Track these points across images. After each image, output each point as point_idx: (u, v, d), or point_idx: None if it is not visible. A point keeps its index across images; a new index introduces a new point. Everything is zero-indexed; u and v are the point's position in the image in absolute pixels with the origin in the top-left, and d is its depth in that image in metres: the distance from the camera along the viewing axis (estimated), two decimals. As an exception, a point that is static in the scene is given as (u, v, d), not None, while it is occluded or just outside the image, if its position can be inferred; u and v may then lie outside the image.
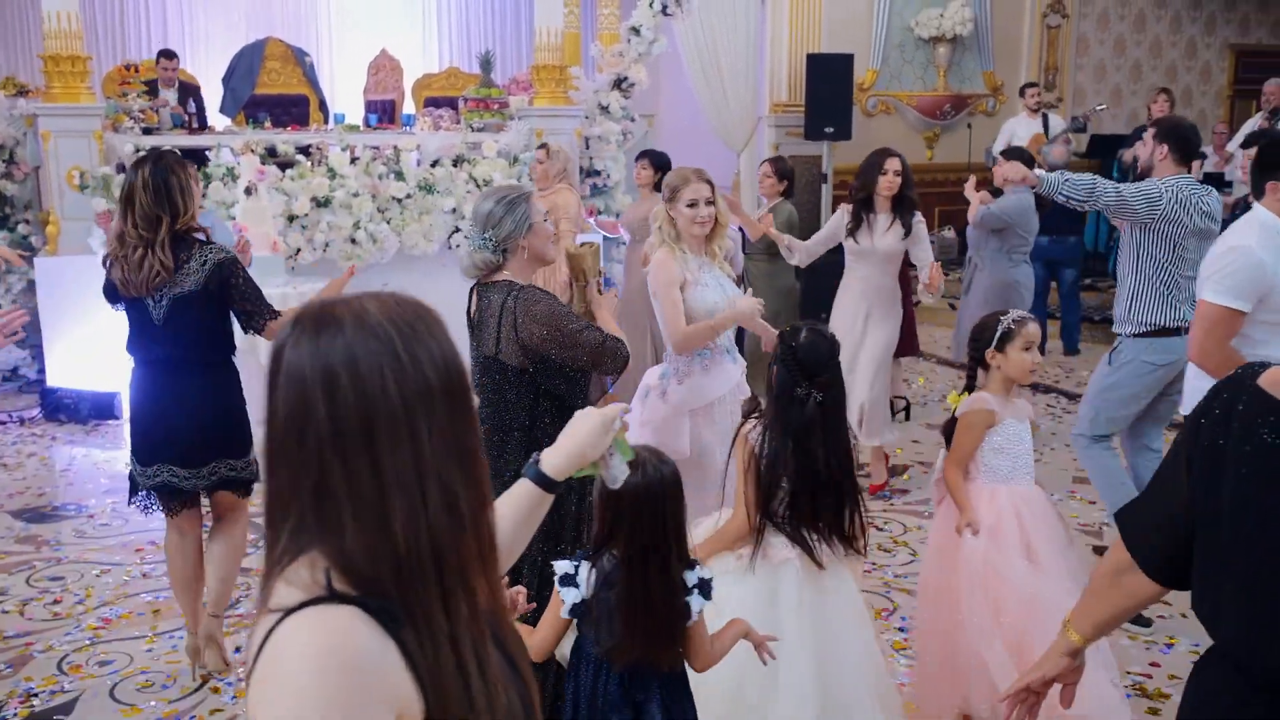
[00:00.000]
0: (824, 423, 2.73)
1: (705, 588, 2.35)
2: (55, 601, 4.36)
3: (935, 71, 11.25)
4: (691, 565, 2.37)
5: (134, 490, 3.65)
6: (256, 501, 4.24)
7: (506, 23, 13.55)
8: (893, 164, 5.15)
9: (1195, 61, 12.33)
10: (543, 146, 6.80)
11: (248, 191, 6.53)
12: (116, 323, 6.68)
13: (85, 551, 4.86)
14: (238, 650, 3.86)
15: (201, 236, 3.53)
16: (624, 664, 2.32)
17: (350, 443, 1.15)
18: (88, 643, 4.02)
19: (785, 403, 2.76)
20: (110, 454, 6.14)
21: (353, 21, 12.92)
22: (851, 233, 5.25)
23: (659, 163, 6.82)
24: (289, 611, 1.14)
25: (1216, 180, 9.67)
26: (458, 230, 7.48)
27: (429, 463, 1.18)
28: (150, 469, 3.54)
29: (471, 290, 3.19)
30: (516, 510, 1.75)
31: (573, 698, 2.39)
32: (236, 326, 3.63)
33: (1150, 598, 1.91)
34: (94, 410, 6.68)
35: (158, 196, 3.41)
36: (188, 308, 3.45)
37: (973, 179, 5.92)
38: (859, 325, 5.27)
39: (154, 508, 3.66)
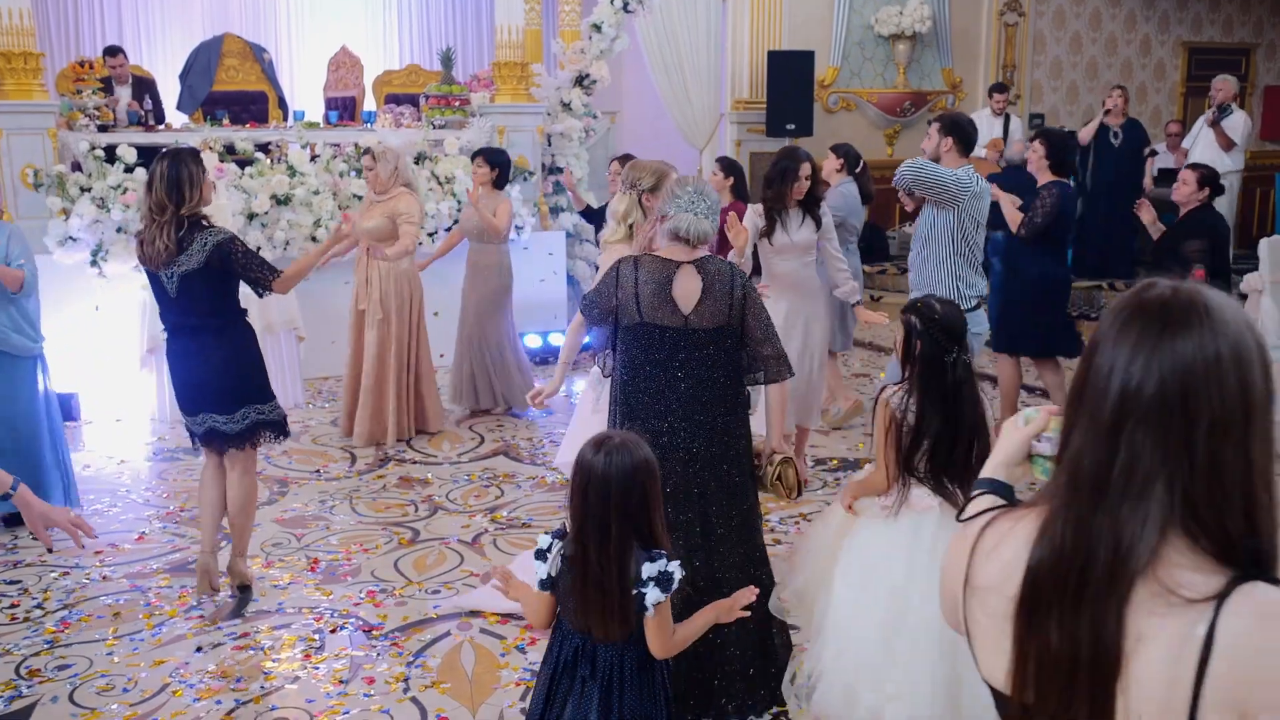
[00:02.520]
0: (968, 380, 3.02)
1: (665, 580, 2.36)
2: (13, 605, 4.30)
3: (895, 68, 11.34)
4: (655, 557, 2.38)
5: (193, 438, 4.33)
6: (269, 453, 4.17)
7: (467, 19, 13.48)
8: (805, 169, 5.18)
9: (1149, 59, 12.51)
10: (367, 152, 6.25)
11: (206, 189, 6.45)
12: (75, 323, 6.64)
13: (43, 554, 4.79)
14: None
15: (205, 222, 4.10)
16: (580, 633, 2.46)
17: (1235, 431, 1.21)
18: (46, 646, 3.97)
19: (937, 369, 3.00)
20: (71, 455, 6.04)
21: (311, 17, 12.81)
22: (766, 235, 5.25)
23: (496, 160, 6.63)
24: (1221, 596, 1.17)
25: (1171, 175, 9.83)
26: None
27: (1272, 457, 1.24)
28: (196, 418, 4.20)
29: (671, 266, 3.28)
30: None
31: (547, 657, 2.56)
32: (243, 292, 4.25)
33: None
34: (51, 411, 6.57)
35: (169, 186, 4.00)
36: (193, 282, 4.05)
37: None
38: (799, 323, 5.27)
39: (199, 449, 4.37)
